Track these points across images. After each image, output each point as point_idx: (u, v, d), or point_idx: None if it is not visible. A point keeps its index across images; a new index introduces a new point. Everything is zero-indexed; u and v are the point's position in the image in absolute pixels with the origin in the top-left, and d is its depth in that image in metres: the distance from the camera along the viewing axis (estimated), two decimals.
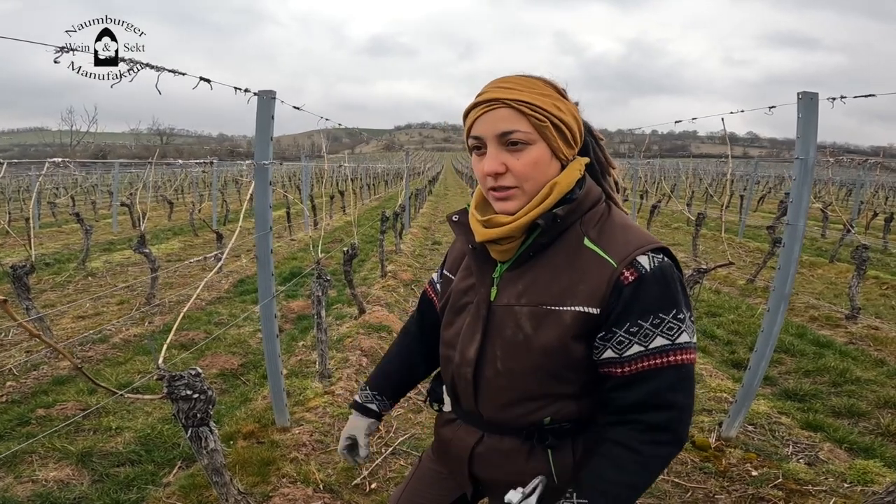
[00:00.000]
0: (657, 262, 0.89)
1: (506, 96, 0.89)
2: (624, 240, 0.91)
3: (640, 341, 0.88)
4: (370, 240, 9.08)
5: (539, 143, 0.90)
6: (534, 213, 0.91)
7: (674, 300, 0.88)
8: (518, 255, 0.96)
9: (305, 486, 2.28)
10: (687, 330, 0.89)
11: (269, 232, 2.47)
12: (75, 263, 7.10)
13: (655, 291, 0.87)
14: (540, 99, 0.89)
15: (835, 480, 2.41)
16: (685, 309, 0.89)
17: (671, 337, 0.88)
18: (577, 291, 0.90)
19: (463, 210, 1.05)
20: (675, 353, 0.88)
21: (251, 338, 4.37)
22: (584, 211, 0.94)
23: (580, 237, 0.93)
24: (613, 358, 0.90)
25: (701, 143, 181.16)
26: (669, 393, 0.88)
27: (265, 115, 2.34)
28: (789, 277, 2.49)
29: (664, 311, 0.87)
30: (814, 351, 4.18)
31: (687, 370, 0.89)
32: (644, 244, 0.90)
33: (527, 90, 0.89)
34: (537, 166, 0.91)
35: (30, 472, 2.48)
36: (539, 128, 0.89)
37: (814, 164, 2.46)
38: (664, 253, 0.91)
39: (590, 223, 0.94)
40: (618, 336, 0.89)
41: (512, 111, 0.88)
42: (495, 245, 0.96)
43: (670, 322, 0.88)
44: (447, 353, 1.06)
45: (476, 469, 1.05)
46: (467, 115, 0.94)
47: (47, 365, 3.74)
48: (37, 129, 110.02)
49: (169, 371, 1.53)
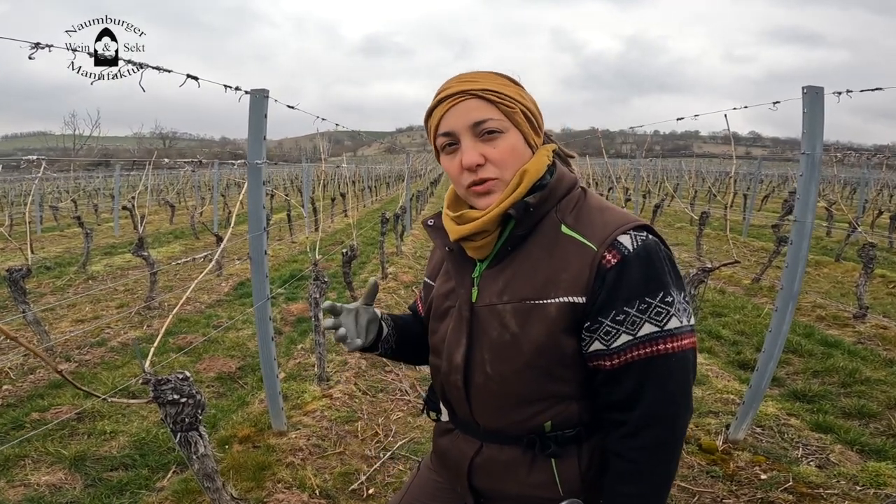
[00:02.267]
0: (640, 241, 0.83)
1: (471, 87, 0.87)
2: (602, 221, 0.87)
3: (627, 330, 0.82)
4: (371, 242, 9.04)
5: (512, 130, 0.88)
6: (505, 203, 0.87)
7: (660, 281, 0.82)
8: (496, 251, 0.92)
9: (301, 492, 2.23)
10: (677, 314, 0.82)
11: (262, 232, 2.42)
12: (76, 267, 7.08)
13: (640, 273, 0.82)
14: (504, 87, 0.88)
15: (847, 483, 2.35)
16: (674, 290, 0.83)
17: (660, 323, 0.82)
18: (560, 281, 0.85)
19: (438, 214, 1.01)
20: (664, 341, 0.82)
21: (250, 341, 4.33)
22: (559, 198, 0.90)
23: (557, 225, 0.89)
24: (601, 350, 0.84)
25: (703, 142, 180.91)
26: (661, 386, 0.82)
27: (258, 114, 2.30)
28: (798, 275, 2.43)
29: (650, 294, 0.82)
30: (822, 351, 4.10)
31: (679, 359, 0.82)
32: (624, 223, 0.85)
33: (489, 80, 0.88)
34: (514, 153, 0.88)
35: (22, 477, 2.44)
36: (509, 114, 0.87)
37: (821, 160, 2.41)
38: (647, 230, 0.85)
39: (566, 209, 0.90)
40: (604, 326, 0.83)
41: (481, 101, 0.87)
42: (471, 242, 0.91)
43: (658, 306, 0.82)
44: (435, 362, 1.01)
45: (476, 481, 0.99)
46: (431, 114, 0.91)
47: (43, 369, 3.70)
48: (40, 133, 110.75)
49: (155, 375, 1.48)
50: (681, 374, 0.83)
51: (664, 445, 0.84)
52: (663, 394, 0.83)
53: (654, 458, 0.84)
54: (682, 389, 0.84)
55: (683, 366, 0.83)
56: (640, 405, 0.83)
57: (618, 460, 0.86)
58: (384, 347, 1.09)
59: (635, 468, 0.84)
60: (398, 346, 1.11)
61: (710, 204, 12.92)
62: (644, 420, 0.83)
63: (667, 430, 0.84)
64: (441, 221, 0.98)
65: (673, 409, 0.84)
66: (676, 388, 0.83)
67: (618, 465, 0.86)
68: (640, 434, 0.83)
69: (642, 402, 0.83)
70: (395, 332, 1.10)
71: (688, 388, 0.85)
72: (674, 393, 0.83)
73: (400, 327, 1.12)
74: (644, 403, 0.83)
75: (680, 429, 0.85)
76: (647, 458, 0.83)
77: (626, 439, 0.84)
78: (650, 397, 0.83)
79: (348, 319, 1.01)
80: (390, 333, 1.09)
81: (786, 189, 18.79)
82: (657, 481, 0.85)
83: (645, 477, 0.84)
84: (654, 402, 0.83)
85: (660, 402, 0.83)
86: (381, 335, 1.07)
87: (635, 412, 0.83)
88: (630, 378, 0.83)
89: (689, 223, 11.91)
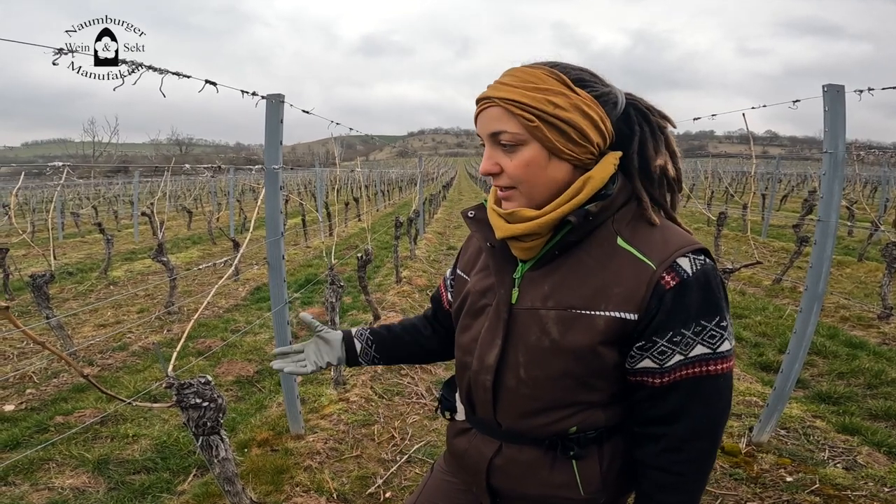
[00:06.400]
0: (699, 266, 0.82)
1: (497, 94, 0.83)
2: (662, 239, 0.84)
3: (681, 350, 0.82)
4: (385, 246, 9.07)
5: (531, 144, 0.83)
6: (564, 208, 0.84)
7: (717, 306, 0.82)
8: (543, 253, 0.89)
9: (319, 495, 2.24)
10: (728, 338, 0.83)
11: (280, 237, 2.44)
12: (97, 273, 7.22)
13: (698, 297, 0.81)
14: (532, 96, 0.81)
15: (875, 485, 2.29)
16: (727, 315, 0.83)
17: (712, 346, 0.82)
18: (612, 295, 0.83)
19: (479, 206, 0.99)
20: (715, 363, 0.82)
21: (267, 345, 4.36)
22: (617, 208, 0.87)
23: (612, 236, 0.86)
24: (652, 368, 0.84)
25: (719, 142, 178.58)
26: (708, 403, 0.84)
27: (274, 119, 2.32)
28: (822, 276, 2.38)
29: (707, 318, 0.81)
30: (847, 352, 4.01)
31: (725, 379, 0.84)
32: (684, 245, 0.83)
33: (521, 87, 0.82)
34: (529, 168, 0.84)
35: (46, 480, 2.48)
36: (529, 128, 0.82)
37: (843, 158, 2.36)
38: (705, 254, 0.84)
39: (622, 221, 0.87)
40: (659, 346, 0.82)
41: (502, 111, 0.83)
42: (518, 242, 0.89)
43: (713, 330, 0.81)
44: (463, 359, 0.99)
45: (494, 481, 0.98)
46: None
47: (67, 373, 3.77)
48: (59, 140, 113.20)
49: (178, 379, 1.49)
50: (726, 392, 0.85)
51: (708, 456, 0.86)
52: (710, 410, 0.84)
53: (697, 470, 0.86)
54: (726, 405, 0.86)
55: (728, 385, 0.85)
56: (685, 421, 0.84)
57: (657, 473, 0.87)
58: (365, 360, 1.19)
59: (679, 480, 0.85)
60: (385, 357, 1.20)
61: (728, 204, 12.73)
62: (689, 434, 0.84)
63: (710, 442, 0.86)
64: (483, 213, 0.96)
65: (717, 423, 0.86)
66: (723, 404, 0.85)
67: (658, 478, 0.87)
68: (685, 448, 0.85)
69: (687, 419, 0.84)
70: (372, 345, 1.18)
71: (730, 404, 0.88)
72: (719, 409, 0.85)
73: (384, 339, 1.19)
74: (689, 419, 0.84)
75: (720, 439, 0.88)
76: (691, 470, 0.86)
77: (667, 453, 0.86)
78: (696, 413, 0.84)
79: (310, 350, 1.17)
80: (367, 347, 1.18)
81: (805, 188, 18.46)
82: (698, 487, 0.88)
83: (689, 486, 0.86)
84: (700, 417, 0.84)
85: (705, 418, 0.84)
86: (357, 351, 1.18)
87: (678, 427, 0.85)
88: (676, 395, 0.84)
89: (706, 224, 11.75)
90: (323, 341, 1.17)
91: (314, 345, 1.17)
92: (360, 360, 1.18)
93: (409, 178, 28.28)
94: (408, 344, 1.19)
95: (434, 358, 1.22)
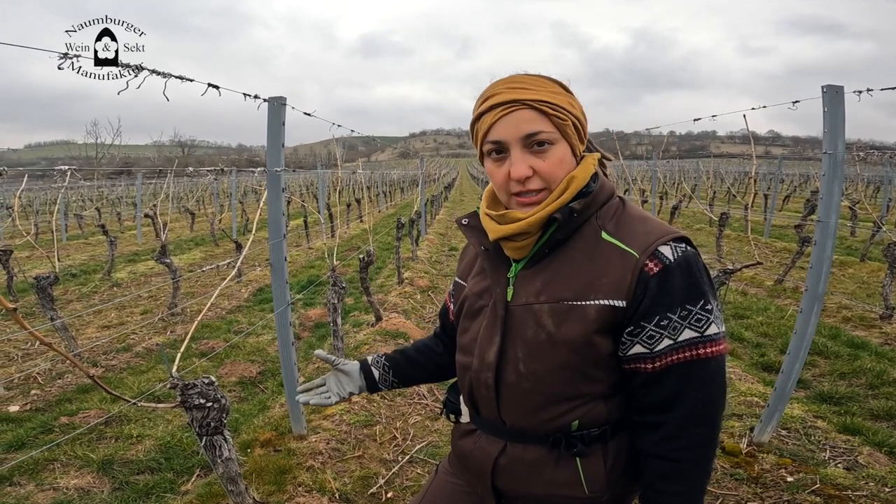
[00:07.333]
0: (680, 252, 0.86)
1: (525, 97, 0.86)
2: (643, 230, 0.89)
3: (669, 335, 0.85)
4: (387, 247, 9.09)
5: (561, 142, 0.89)
6: (551, 207, 0.89)
7: (700, 290, 0.85)
8: (534, 252, 0.93)
9: (321, 495, 2.25)
10: (715, 321, 0.86)
11: (282, 239, 2.46)
12: (101, 274, 7.25)
13: (681, 282, 0.85)
14: (557, 97, 0.88)
15: (876, 485, 2.30)
16: (712, 299, 0.87)
17: (700, 329, 0.85)
18: (600, 285, 0.87)
19: (472, 213, 1.03)
20: (704, 346, 0.85)
21: (269, 346, 4.38)
22: (600, 205, 0.92)
23: (597, 231, 0.91)
24: (643, 353, 0.87)
25: (721, 142, 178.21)
26: (702, 387, 0.86)
27: (276, 122, 2.34)
28: (822, 276, 2.38)
29: (691, 302, 0.85)
30: (848, 352, 4.01)
31: (717, 363, 0.86)
32: (665, 234, 0.88)
33: (541, 89, 0.88)
34: (562, 165, 0.89)
35: (51, 480, 2.50)
36: (561, 126, 0.88)
37: (843, 159, 2.36)
38: (686, 242, 0.88)
39: (606, 217, 0.92)
40: (647, 330, 0.86)
41: (534, 112, 0.86)
42: (510, 242, 0.93)
43: (698, 313, 0.85)
44: (464, 360, 1.02)
45: (500, 482, 1.00)
46: (479, 118, 0.91)
47: (71, 374, 3.79)
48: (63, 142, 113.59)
49: (182, 380, 1.51)
50: (719, 377, 0.87)
51: (707, 443, 0.88)
52: (705, 394, 0.86)
53: (698, 456, 0.87)
54: (720, 390, 0.88)
55: (721, 369, 0.87)
56: (681, 407, 0.86)
57: (658, 461, 0.88)
58: (384, 386, 1.23)
59: (680, 467, 0.87)
60: (403, 380, 1.23)
61: (730, 205, 12.72)
62: (686, 421, 0.86)
63: (708, 428, 0.87)
64: (476, 220, 1.00)
65: (713, 408, 0.87)
66: (717, 389, 0.87)
67: (659, 466, 0.88)
68: (683, 435, 0.86)
69: (683, 404, 0.86)
70: (389, 371, 1.22)
71: (725, 389, 0.89)
72: (714, 394, 0.87)
73: (399, 363, 1.23)
74: (685, 405, 0.86)
75: (718, 426, 0.89)
76: (691, 457, 0.87)
77: (666, 441, 0.87)
78: (692, 398, 0.86)
79: (331, 383, 1.22)
80: (384, 374, 1.22)
81: (807, 188, 18.42)
82: (702, 475, 0.89)
83: (690, 474, 0.87)
84: (696, 402, 0.86)
85: (701, 403, 0.86)
86: (376, 378, 1.22)
87: (675, 414, 0.86)
88: (671, 380, 0.86)
89: (708, 224, 11.73)
90: (342, 373, 1.22)
91: (334, 377, 1.22)
92: (379, 387, 1.22)
93: (410, 179, 28.30)
94: (422, 364, 1.23)
95: (450, 374, 1.22)
